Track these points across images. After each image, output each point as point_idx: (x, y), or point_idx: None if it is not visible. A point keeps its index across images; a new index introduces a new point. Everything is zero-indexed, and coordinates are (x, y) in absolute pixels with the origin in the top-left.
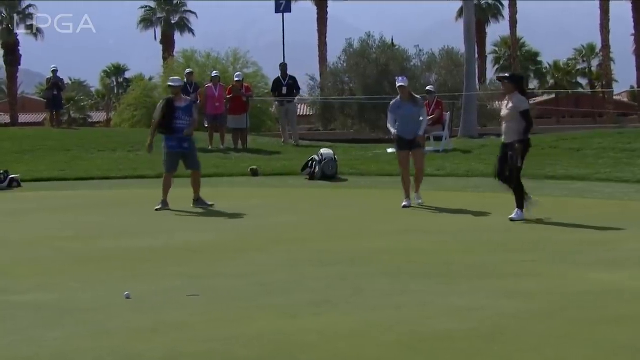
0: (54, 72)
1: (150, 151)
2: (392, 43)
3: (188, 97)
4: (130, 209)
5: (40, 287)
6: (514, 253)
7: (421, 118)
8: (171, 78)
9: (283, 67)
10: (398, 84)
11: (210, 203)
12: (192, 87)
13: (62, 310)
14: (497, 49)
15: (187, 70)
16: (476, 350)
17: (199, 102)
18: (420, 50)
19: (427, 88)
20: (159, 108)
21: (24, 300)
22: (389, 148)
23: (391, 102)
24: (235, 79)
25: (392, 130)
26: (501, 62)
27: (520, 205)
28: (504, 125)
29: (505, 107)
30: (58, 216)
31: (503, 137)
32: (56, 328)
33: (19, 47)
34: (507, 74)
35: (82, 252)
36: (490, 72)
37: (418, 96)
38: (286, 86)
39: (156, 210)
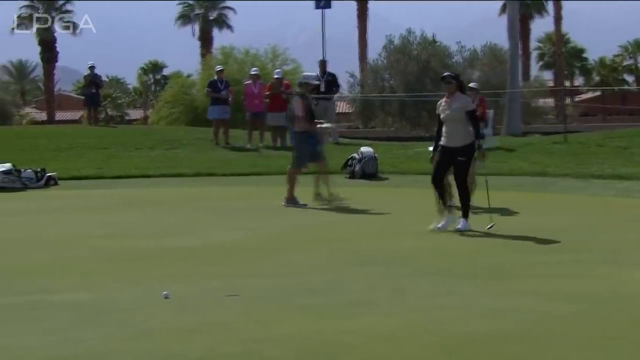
0: (92, 68)
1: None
2: (434, 39)
3: None
4: (168, 208)
5: (77, 287)
6: (558, 253)
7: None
8: (307, 74)
9: (322, 64)
10: None
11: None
12: (223, 84)
13: (100, 310)
14: (541, 45)
15: (218, 67)
16: (520, 353)
17: (230, 99)
18: (462, 47)
19: (470, 85)
20: (297, 104)
21: (61, 300)
22: (430, 146)
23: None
24: (275, 76)
25: None
26: (545, 59)
27: (466, 214)
28: (446, 128)
29: (447, 108)
30: (95, 215)
31: (444, 140)
32: (94, 328)
33: (56, 44)
34: (452, 73)
35: (119, 252)
36: (535, 69)
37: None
38: (325, 82)
39: (284, 206)
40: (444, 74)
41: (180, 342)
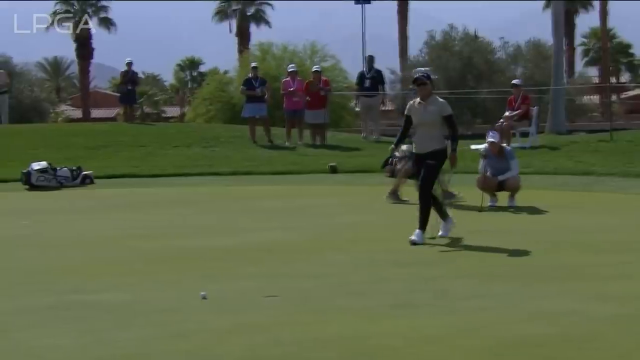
0: (129, 65)
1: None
2: (476, 35)
3: None
4: (205, 207)
5: (113, 287)
6: (605, 254)
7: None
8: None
9: (370, 59)
10: (488, 139)
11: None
12: (257, 81)
13: (137, 311)
14: (586, 40)
15: (252, 64)
16: (565, 356)
17: (266, 97)
18: (505, 42)
19: (513, 82)
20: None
21: (99, 301)
22: (472, 144)
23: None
24: (314, 69)
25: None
26: (590, 55)
27: (422, 226)
28: (418, 133)
29: (423, 112)
30: (132, 214)
31: (416, 148)
32: (131, 329)
33: (92, 40)
34: (425, 73)
35: (156, 252)
36: (580, 65)
37: (508, 149)
38: (370, 79)
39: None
40: (417, 75)
41: (218, 343)
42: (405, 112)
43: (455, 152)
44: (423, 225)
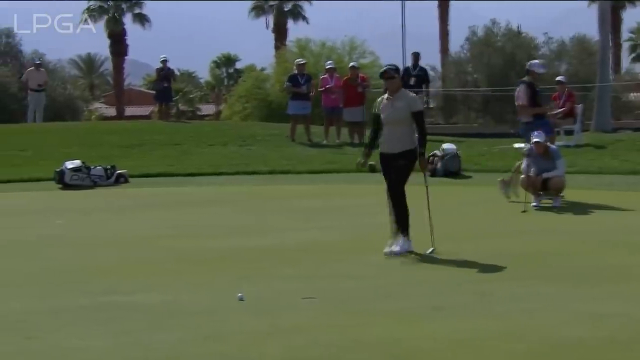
0: (164, 62)
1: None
2: (519, 30)
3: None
4: (241, 207)
5: (147, 288)
6: None
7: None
8: (534, 62)
9: (415, 56)
10: (533, 139)
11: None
12: (304, 78)
13: (171, 313)
14: (633, 36)
15: (299, 61)
16: (611, 359)
17: (312, 94)
18: (549, 38)
19: (558, 78)
20: (521, 92)
21: (132, 301)
22: (515, 143)
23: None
24: (351, 65)
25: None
26: (637, 51)
27: (405, 231)
28: (386, 131)
29: (390, 108)
30: (167, 214)
31: (383, 147)
32: (166, 331)
33: (126, 37)
34: (393, 66)
35: (190, 252)
36: (626, 61)
37: (554, 148)
38: (415, 77)
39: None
40: (384, 68)
41: (255, 346)
42: (373, 110)
43: (424, 156)
44: (405, 230)
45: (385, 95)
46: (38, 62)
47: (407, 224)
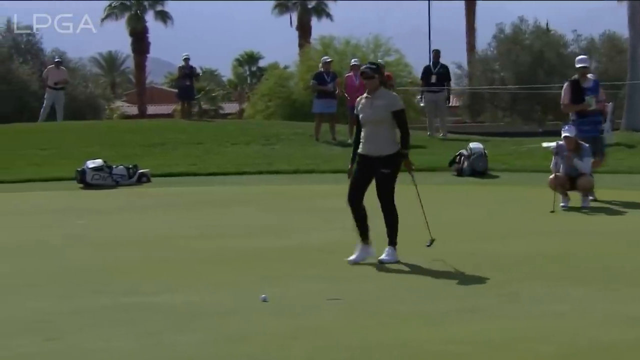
0: (187, 60)
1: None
2: (547, 28)
3: (590, 77)
4: (265, 206)
5: (170, 289)
6: None
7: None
8: (581, 57)
9: (436, 53)
10: (564, 134)
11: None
12: (330, 76)
13: (194, 314)
14: None
15: (326, 59)
16: None
17: (337, 92)
18: (578, 36)
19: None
20: (564, 90)
21: (154, 302)
22: (544, 142)
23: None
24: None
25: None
26: None
27: (393, 242)
28: (367, 132)
29: (369, 108)
30: (189, 213)
31: (363, 148)
32: (188, 332)
33: (148, 34)
34: (372, 65)
35: (213, 252)
36: None
37: (585, 146)
38: (436, 74)
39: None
40: (363, 67)
41: (279, 348)
42: (354, 111)
43: (408, 156)
44: (393, 240)
45: (365, 95)
46: (58, 60)
47: (396, 232)
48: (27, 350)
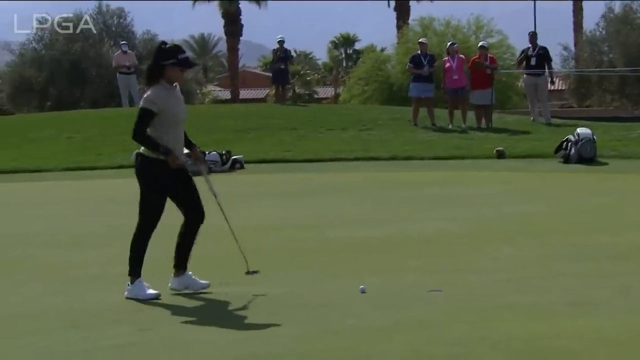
0: (281, 43)
1: None
2: None
3: None
4: (361, 194)
5: (266, 280)
6: None
7: None
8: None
9: (532, 36)
10: None
11: None
12: (427, 58)
13: (291, 306)
14: None
15: (421, 40)
16: None
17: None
18: None
19: None
20: None
21: (250, 293)
22: None
23: None
24: (480, 45)
25: None
26: None
27: (182, 266)
28: (174, 132)
29: (175, 100)
30: (284, 202)
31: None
32: (286, 325)
33: (241, 17)
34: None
35: (309, 242)
36: None
37: None
38: (536, 57)
39: None
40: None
41: (379, 342)
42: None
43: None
44: (184, 264)
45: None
46: (123, 42)
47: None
48: (121, 341)
